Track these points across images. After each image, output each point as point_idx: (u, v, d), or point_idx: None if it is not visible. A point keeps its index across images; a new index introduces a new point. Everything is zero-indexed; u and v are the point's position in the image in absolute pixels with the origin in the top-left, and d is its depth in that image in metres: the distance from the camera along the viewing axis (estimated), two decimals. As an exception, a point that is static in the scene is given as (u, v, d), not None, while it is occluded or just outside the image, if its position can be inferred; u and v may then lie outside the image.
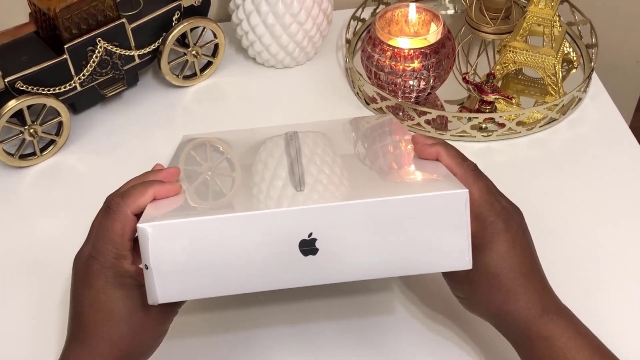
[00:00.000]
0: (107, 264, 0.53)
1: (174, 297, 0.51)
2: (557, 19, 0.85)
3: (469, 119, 0.80)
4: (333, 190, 0.57)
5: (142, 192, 0.55)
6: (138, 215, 0.53)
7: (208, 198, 0.58)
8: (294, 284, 0.52)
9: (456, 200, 0.51)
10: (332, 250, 0.51)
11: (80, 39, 0.78)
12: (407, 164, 0.60)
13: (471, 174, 0.56)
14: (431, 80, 0.82)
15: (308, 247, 0.51)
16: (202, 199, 0.58)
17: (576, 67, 0.90)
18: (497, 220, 0.54)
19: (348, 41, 0.91)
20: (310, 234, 0.51)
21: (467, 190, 0.51)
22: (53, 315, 0.66)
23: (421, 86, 0.82)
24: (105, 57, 0.81)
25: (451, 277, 0.56)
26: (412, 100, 0.84)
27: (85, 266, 0.53)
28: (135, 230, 0.52)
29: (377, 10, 0.97)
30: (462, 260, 0.52)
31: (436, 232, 0.51)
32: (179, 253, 0.50)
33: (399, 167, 0.61)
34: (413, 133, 0.69)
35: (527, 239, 0.56)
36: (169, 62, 0.86)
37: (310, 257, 0.51)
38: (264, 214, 0.50)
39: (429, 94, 0.84)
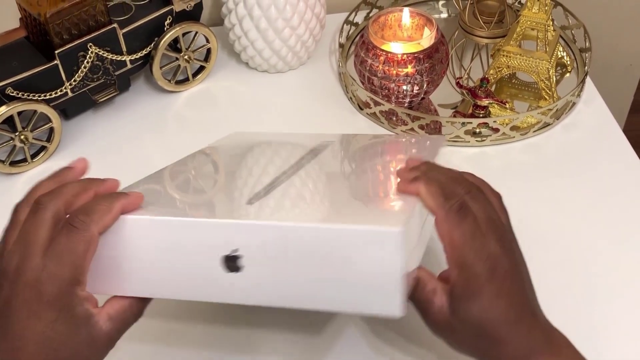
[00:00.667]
0: (62, 292, 0.46)
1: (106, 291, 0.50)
2: (551, 23, 0.85)
3: (463, 124, 0.80)
4: (287, 209, 0.53)
5: (108, 208, 0.48)
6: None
7: (166, 197, 0.56)
8: (214, 299, 0.49)
9: (384, 239, 0.45)
10: (255, 272, 0.47)
11: (71, 44, 0.77)
12: (382, 190, 0.57)
13: (454, 215, 0.49)
14: (425, 85, 0.81)
15: (231, 263, 0.48)
16: (159, 199, 0.55)
17: (570, 71, 0.89)
18: (481, 271, 0.49)
19: (341, 45, 0.91)
20: (236, 250, 0.47)
21: (399, 230, 0.44)
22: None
23: (415, 91, 0.82)
24: (97, 62, 0.80)
25: (431, 323, 0.52)
26: (406, 105, 0.84)
27: (31, 292, 0.46)
28: (95, 251, 0.48)
29: (371, 15, 0.96)
30: (391, 307, 0.46)
31: (363, 271, 0.46)
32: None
33: (374, 193, 0.57)
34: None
35: (516, 283, 0.50)
36: (161, 67, 0.85)
37: (232, 274, 0.48)
38: (182, 221, 0.48)
39: (423, 98, 0.84)
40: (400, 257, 0.45)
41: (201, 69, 0.90)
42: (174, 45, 0.86)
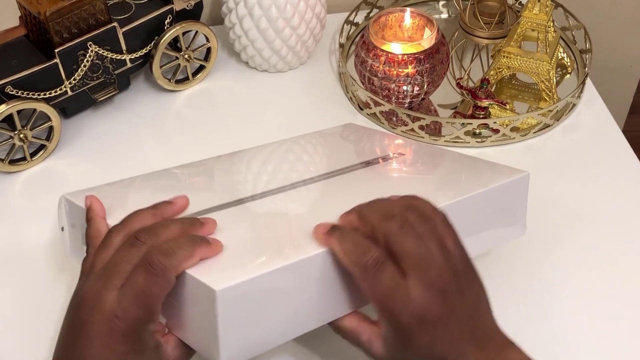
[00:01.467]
0: (135, 329, 0.47)
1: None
2: (551, 24, 0.85)
3: (463, 125, 0.80)
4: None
5: (189, 253, 0.48)
6: None
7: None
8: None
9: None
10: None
11: (71, 43, 0.77)
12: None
13: (371, 272, 0.48)
14: (425, 86, 0.81)
15: None
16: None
17: (570, 73, 0.89)
18: (410, 322, 0.48)
19: (341, 45, 0.91)
20: None
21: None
22: (41, 322, 0.65)
23: (415, 91, 0.82)
24: (97, 61, 0.80)
25: None
26: (406, 105, 0.84)
27: (107, 325, 0.47)
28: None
29: (371, 15, 0.96)
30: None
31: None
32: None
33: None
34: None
35: (451, 324, 0.48)
36: (160, 66, 0.85)
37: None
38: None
39: (423, 99, 0.84)
40: (216, 317, 0.46)
41: (201, 68, 0.90)
42: (174, 45, 0.86)
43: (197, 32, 0.87)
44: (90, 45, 0.78)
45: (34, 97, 0.77)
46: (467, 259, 0.51)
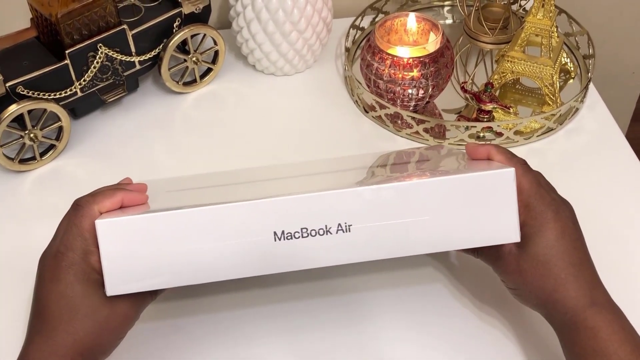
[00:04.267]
0: (76, 259, 0.54)
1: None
2: (555, 29, 0.86)
3: (467, 128, 0.81)
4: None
5: (110, 194, 0.57)
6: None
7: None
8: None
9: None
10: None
11: (82, 45, 0.78)
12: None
13: (521, 167, 0.58)
14: (430, 89, 0.82)
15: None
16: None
17: (573, 78, 0.90)
18: (546, 210, 0.56)
19: (347, 49, 0.92)
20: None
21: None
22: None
23: (420, 95, 0.83)
24: (106, 62, 0.81)
25: (502, 268, 0.58)
26: (411, 108, 0.84)
27: (53, 261, 0.54)
28: None
29: (377, 19, 0.97)
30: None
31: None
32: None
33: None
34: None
35: (577, 230, 0.57)
36: (169, 69, 0.86)
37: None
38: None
39: (428, 102, 0.85)
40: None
41: (208, 71, 0.91)
42: (182, 47, 0.87)
43: (205, 35, 0.88)
44: (100, 47, 0.80)
45: (45, 97, 0.78)
46: None
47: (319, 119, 0.87)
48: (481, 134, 0.82)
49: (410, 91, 0.82)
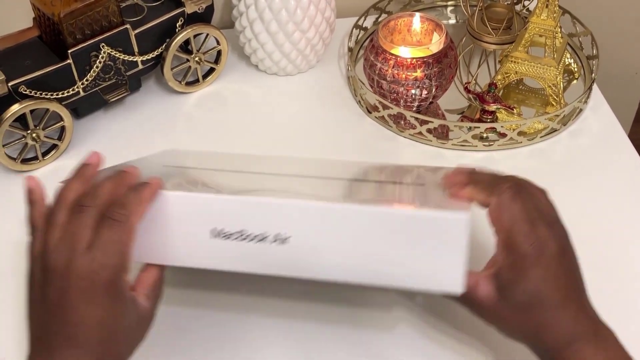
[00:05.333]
0: (113, 279, 0.51)
1: None
2: (559, 30, 0.86)
3: (470, 129, 0.81)
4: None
5: (139, 199, 0.53)
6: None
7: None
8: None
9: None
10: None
11: (84, 44, 0.78)
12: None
13: (503, 200, 0.53)
14: (433, 90, 0.82)
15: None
16: None
17: (577, 78, 0.90)
18: (528, 254, 0.52)
19: (350, 49, 0.92)
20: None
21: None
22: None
23: (423, 95, 0.82)
24: (109, 62, 0.81)
25: (478, 312, 0.55)
26: (414, 109, 0.84)
27: (85, 283, 0.50)
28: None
29: (380, 19, 0.97)
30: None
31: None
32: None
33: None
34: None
35: (563, 268, 0.53)
36: (171, 68, 0.86)
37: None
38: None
39: (431, 103, 0.85)
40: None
41: (211, 70, 0.91)
42: (185, 47, 0.87)
43: (207, 34, 0.88)
44: (102, 46, 0.79)
45: (47, 97, 0.78)
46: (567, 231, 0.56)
47: (321, 119, 0.87)
48: (485, 135, 0.82)
49: (413, 91, 0.82)
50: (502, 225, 0.53)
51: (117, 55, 0.81)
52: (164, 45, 0.85)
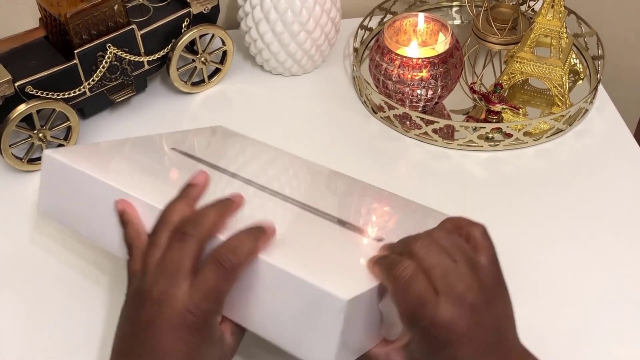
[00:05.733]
0: (206, 322, 0.50)
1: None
2: (565, 30, 0.85)
3: (476, 129, 0.81)
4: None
5: (253, 248, 0.50)
6: None
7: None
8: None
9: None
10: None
11: (91, 45, 0.78)
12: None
13: (402, 285, 0.49)
14: (439, 90, 0.82)
15: None
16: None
17: (582, 79, 0.90)
18: (434, 339, 0.49)
19: (356, 50, 0.92)
20: None
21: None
22: (55, 321, 0.66)
23: (429, 95, 0.82)
24: (115, 62, 0.81)
25: None
26: (420, 109, 0.84)
27: (179, 320, 0.49)
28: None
29: (385, 20, 0.97)
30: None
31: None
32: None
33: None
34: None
35: (475, 339, 0.49)
36: (177, 69, 0.86)
37: None
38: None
39: (436, 103, 0.85)
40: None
41: (217, 71, 0.91)
42: (191, 47, 0.87)
43: (213, 35, 0.88)
44: (109, 46, 0.80)
45: (53, 97, 0.78)
46: (499, 273, 0.52)
47: (327, 119, 0.87)
48: (490, 135, 0.82)
49: (419, 92, 0.82)
50: (403, 310, 0.49)
51: (123, 56, 0.81)
52: (169, 46, 0.85)
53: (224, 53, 0.90)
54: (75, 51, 0.78)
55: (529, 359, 0.52)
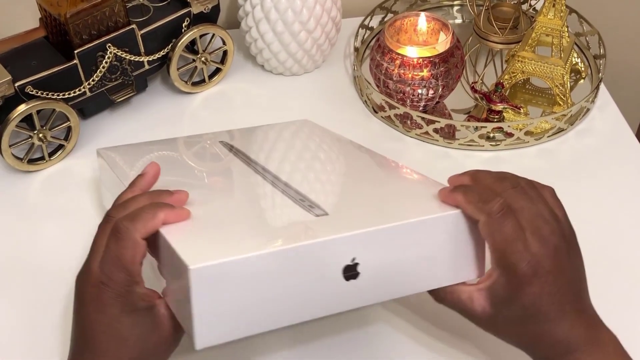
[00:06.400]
0: (121, 292, 0.51)
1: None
2: (566, 29, 0.85)
3: (477, 128, 0.81)
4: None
5: (152, 215, 0.52)
6: (146, 239, 0.52)
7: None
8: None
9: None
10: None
11: (91, 45, 0.78)
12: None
13: (495, 218, 0.51)
14: (440, 89, 0.82)
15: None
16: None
17: (584, 78, 0.90)
18: (523, 272, 0.51)
19: (356, 49, 0.91)
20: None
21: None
22: (57, 321, 0.66)
23: (430, 95, 0.82)
24: (115, 62, 0.81)
25: (477, 324, 0.55)
26: (420, 109, 0.84)
27: (95, 291, 0.51)
28: (145, 254, 0.52)
29: (386, 19, 0.97)
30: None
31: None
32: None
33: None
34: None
35: (558, 283, 0.51)
36: (178, 69, 0.86)
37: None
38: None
39: (437, 102, 0.85)
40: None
41: (217, 71, 0.91)
42: (191, 47, 0.87)
43: (213, 35, 0.88)
44: (109, 46, 0.79)
45: (53, 97, 0.78)
46: (573, 230, 0.55)
47: (327, 119, 0.86)
48: (491, 134, 0.81)
49: (420, 91, 0.82)
50: (494, 244, 0.52)
51: (123, 56, 0.81)
52: (170, 46, 0.85)
53: (225, 53, 0.90)
54: (75, 51, 0.78)
55: (603, 326, 0.54)
